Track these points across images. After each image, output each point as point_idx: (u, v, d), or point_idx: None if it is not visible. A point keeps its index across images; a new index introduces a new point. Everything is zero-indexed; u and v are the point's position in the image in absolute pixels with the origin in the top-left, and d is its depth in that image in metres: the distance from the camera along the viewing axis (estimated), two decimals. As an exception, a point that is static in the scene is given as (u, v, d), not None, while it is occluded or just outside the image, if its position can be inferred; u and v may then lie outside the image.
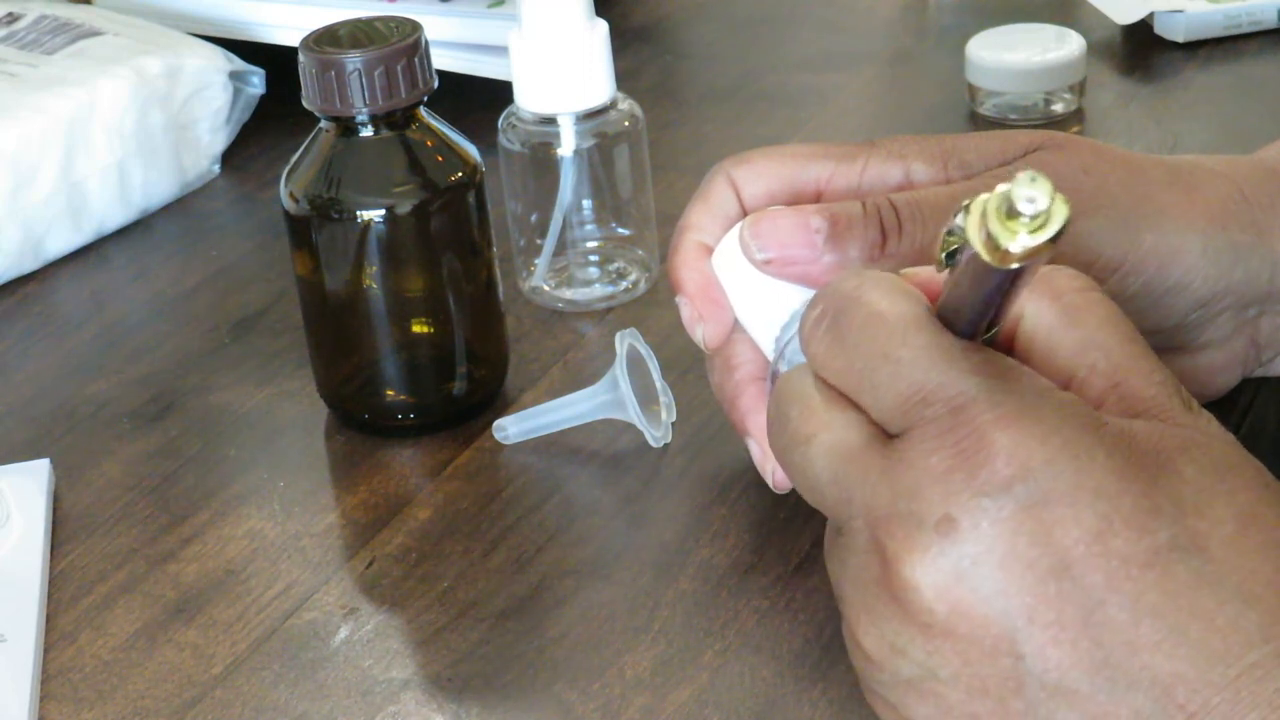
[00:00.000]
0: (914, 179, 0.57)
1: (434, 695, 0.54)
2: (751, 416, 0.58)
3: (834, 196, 0.57)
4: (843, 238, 0.54)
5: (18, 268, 0.81)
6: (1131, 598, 0.41)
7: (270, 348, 0.73)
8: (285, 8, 0.91)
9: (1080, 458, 0.41)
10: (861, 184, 0.58)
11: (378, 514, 0.62)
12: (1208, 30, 0.93)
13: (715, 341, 0.58)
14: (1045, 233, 0.38)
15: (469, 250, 0.66)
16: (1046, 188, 0.38)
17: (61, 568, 0.61)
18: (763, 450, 0.58)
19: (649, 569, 0.58)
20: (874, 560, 0.43)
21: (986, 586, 0.41)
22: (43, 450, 0.67)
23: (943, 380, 0.43)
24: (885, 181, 0.57)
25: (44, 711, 0.55)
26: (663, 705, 0.53)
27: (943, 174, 0.57)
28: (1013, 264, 0.39)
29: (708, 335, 0.58)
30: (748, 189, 0.58)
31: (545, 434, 0.65)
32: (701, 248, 0.58)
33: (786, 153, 0.59)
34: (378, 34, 0.63)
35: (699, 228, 0.59)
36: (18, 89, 0.82)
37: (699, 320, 0.58)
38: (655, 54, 0.99)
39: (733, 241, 0.56)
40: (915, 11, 1.02)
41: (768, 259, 0.55)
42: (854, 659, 0.45)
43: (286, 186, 0.64)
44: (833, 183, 0.58)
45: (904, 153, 0.58)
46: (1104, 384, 0.44)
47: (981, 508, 0.41)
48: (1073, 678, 0.41)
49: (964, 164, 0.57)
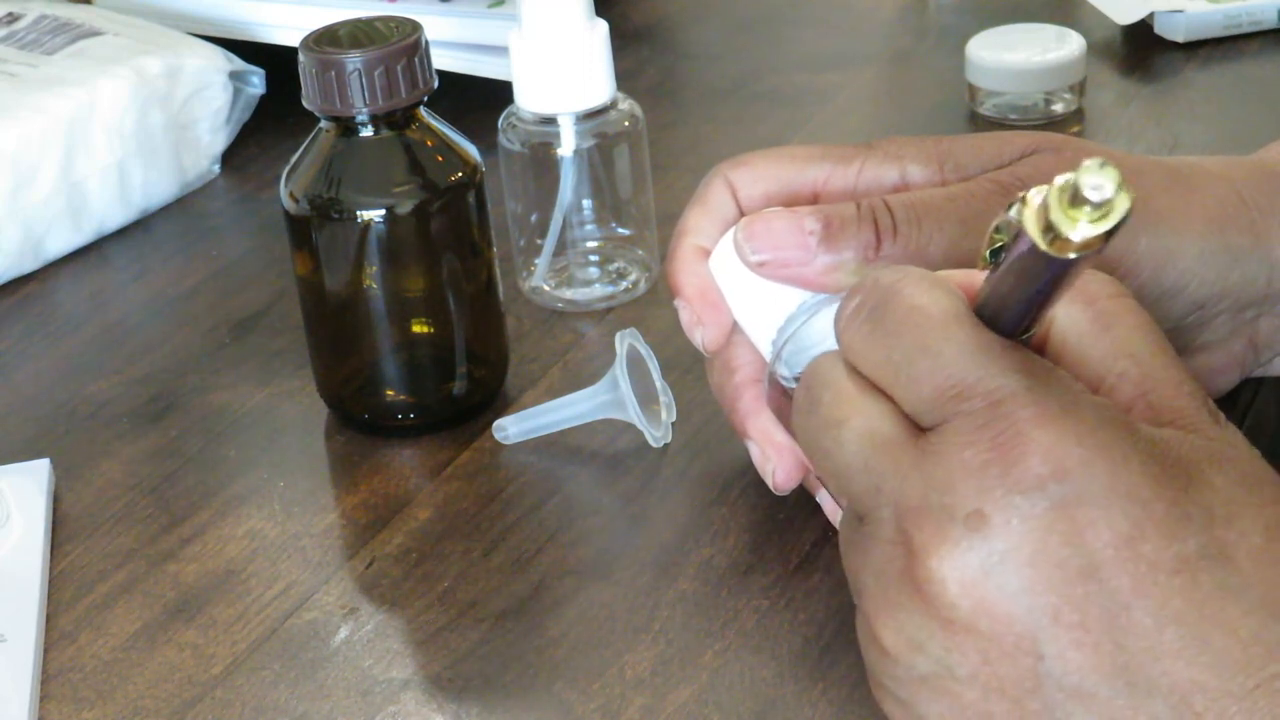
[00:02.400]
0: (910, 180, 0.57)
1: (434, 695, 0.54)
2: (751, 419, 0.58)
3: (830, 198, 0.57)
4: (837, 239, 0.54)
5: (18, 268, 0.81)
6: (1157, 603, 0.41)
7: (270, 348, 0.74)
8: (285, 8, 0.91)
9: (1116, 461, 0.41)
10: (858, 185, 0.57)
11: (378, 514, 0.62)
12: (1208, 30, 0.93)
13: (714, 344, 0.58)
14: (1108, 221, 0.38)
15: (469, 250, 0.66)
16: (1114, 175, 0.37)
17: (61, 568, 0.61)
18: (762, 452, 0.58)
19: (649, 569, 0.58)
20: (899, 551, 0.43)
21: (1013, 584, 0.41)
22: (43, 450, 0.67)
23: (982, 375, 0.43)
24: (881, 183, 0.57)
25: (44, 711, 0.55)
26: (663, 705, 0.53)
27: (939, 175, 0.57)
28: (1070, 253, 0.39)
29: (707, 338, 0.58)
30: (745, 191, 0.58)
31: (545, 434, 0.65)
32: (699, 251, 0.58)
33: (784, 155, 0.59)
34: (378, 34, 0.63)
35: (697, 231, 0.59)
36: (18, 89, 0.82)
37: (698, 324, 0.58)
38: (655, 54, 0.99)
39: (728, 244, 0.56)
40: (915, 11, 1.02)
41: (761, 261, 0.55)
42: (867, 652, 0.45)
43: (286, 186, 0.64)
44: (829, 184, 0.58)
45: (900, 154, 0.58)
46: (1133, 391, 0.44)
47: (1014, 504, 0.41)
48: (1092, 681, 0.41)
49: (960, 166, 0.57)
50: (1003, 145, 0.57)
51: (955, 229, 0.54)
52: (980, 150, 0.57)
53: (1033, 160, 0.56)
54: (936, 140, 0.58)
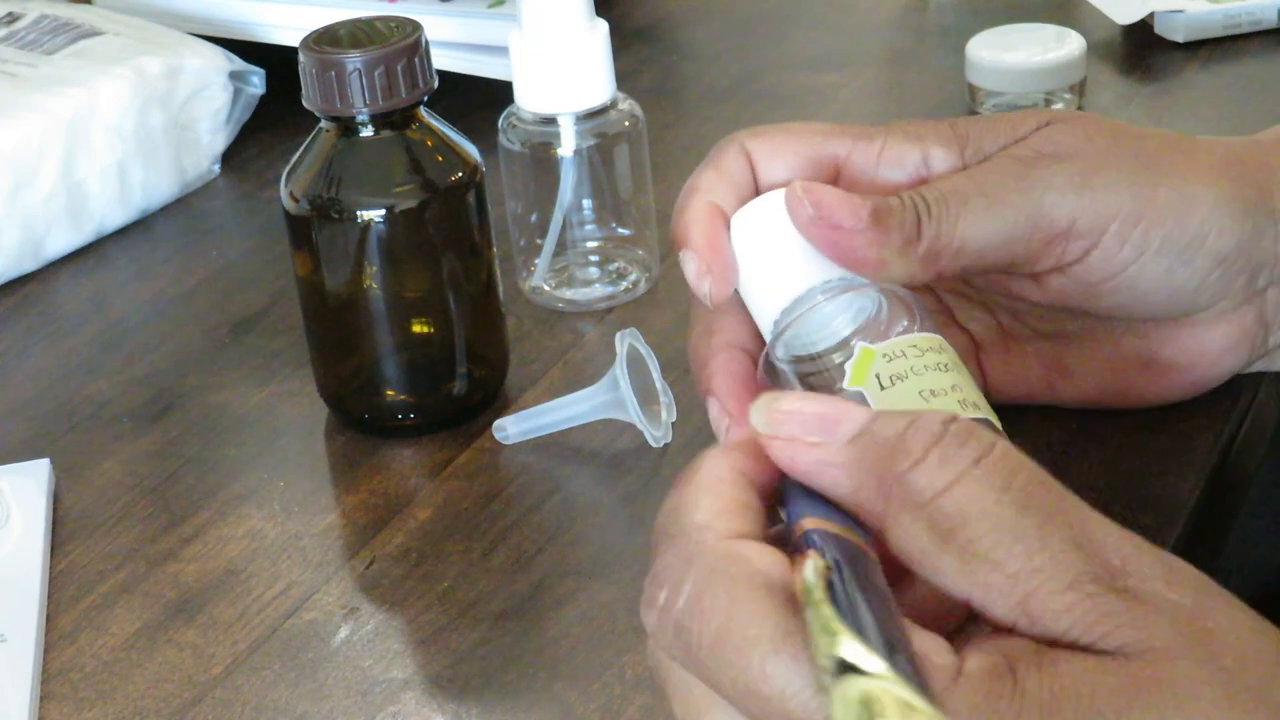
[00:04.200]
0: (931, 162, 0.57)
1: (434, 695, 0.54)
2: (718, 377, 0.57)
3: (852, 175, 0.57)
4: (884, 222, 0.54)
5: (18, 268, 0.81)
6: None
7: (270, 348, 0.74)
8: (285, 8, 0.91)
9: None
10: (880, 164, 0.57)
11: (378, 514, 0.62)
12: (1208, 30, 0.93)
13: (720, 296, 0.56)
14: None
15: (469, 250, 0.66)
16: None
17: (61, 568, 0.61)
18: (721, 410, 0.57)
19: (649, 569, 0.58)
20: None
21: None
22: (43, 450, 0.67)
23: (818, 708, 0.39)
24: (902, 163, 0.57)
25: (44, 711, 0.55)
26: (663, 705, 0.53)
27: (960, 159, 0.57)
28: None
29: (714, 290, 0.56)
30: (764, 162, 0.57)
31: (545, 434, 0.65)
32: (713, 208, 0.57)
33: (804, 129, 0.58)
34: (378, 34, 0.63)
35: (710, 190, 0.57)
36: (18, 89, 0.82)
37: (706, 273, 0.57)
38: (655, 54, 0.99)
39: (759, 208, 0.56)
40: (915, 11, 1.02)
41: (815, 217, 0.54)
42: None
43: (286, 186, 0.64)
44: (850, 161, 0.57)
45: (920, 134, 0.58)
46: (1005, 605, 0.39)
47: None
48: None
49: (979, 149, 0.57)
50: (1017, 123, 0.58)
51: (980, 204, 0.54)
52: (996, 131, 0.57)
53: (1045, 132, 0.57)
54: (953, 123, 0.58)
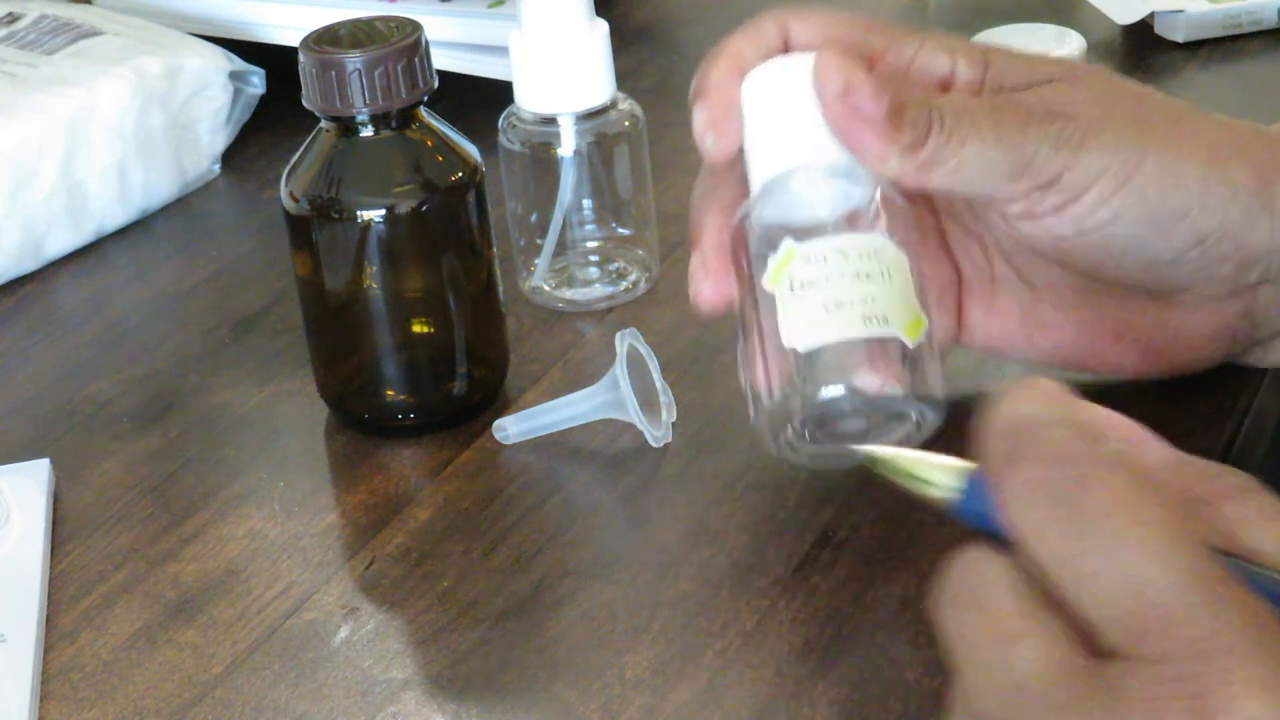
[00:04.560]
0: (958, 75, 0.58)
1: (434, 695, 0.54)
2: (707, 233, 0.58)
3: (885, 71, 0.58)
4: (898, 119, 0.54)
5: (18, 268, 0.81)
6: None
7: (270, 348, 0.74)
8: (285, 8, 0.91)
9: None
10: (913, 65, 0.58)
11: (378, 514, 0.62)
12: (1208, 30, 0.93)
13: (721, 153, 0.57)
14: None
15: (469, 250, 0.66)
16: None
17: (61, 568, 0.61)
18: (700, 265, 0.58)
19: (649, 569, 0.58)
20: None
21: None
22: (43, 450, 0.67)
23: (1194, 614, 0.37)
24: (932, 69, 0.58)
25: (44, 711, 0.55)
26: (663, 705, 0.53)
27: (980, 82, 0.58)
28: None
29: (716, 147, 0.57)
30: (800, 38, 0.58)
31: (545, 434, 0.65)
32: (735, 68, 0.57)
33: (845, 17, 0.59)
34: (378, 34, 0.63)
35: (740, 55, 0.58)
36: (18, 89, 0.82)
37: (711, 129, 0.57)
38: (655, 54, 0.99)
39: (779, 68, 0.56)
40: (915, 11, 1.02)
41: (839, 90, 0.54)
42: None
43: (286, 186, 0.64)
44: (886, 56, 0.58)
45: (953, 48, 0.59)
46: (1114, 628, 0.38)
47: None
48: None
49: (998, 79, 0.58)
50: (1034, 70, 0.58)
51: (990, 135, 0.55)
52: (1017, 68, 0.58)
53: (1052, 88, 0.57)
54: (984, 47, 0.59)
